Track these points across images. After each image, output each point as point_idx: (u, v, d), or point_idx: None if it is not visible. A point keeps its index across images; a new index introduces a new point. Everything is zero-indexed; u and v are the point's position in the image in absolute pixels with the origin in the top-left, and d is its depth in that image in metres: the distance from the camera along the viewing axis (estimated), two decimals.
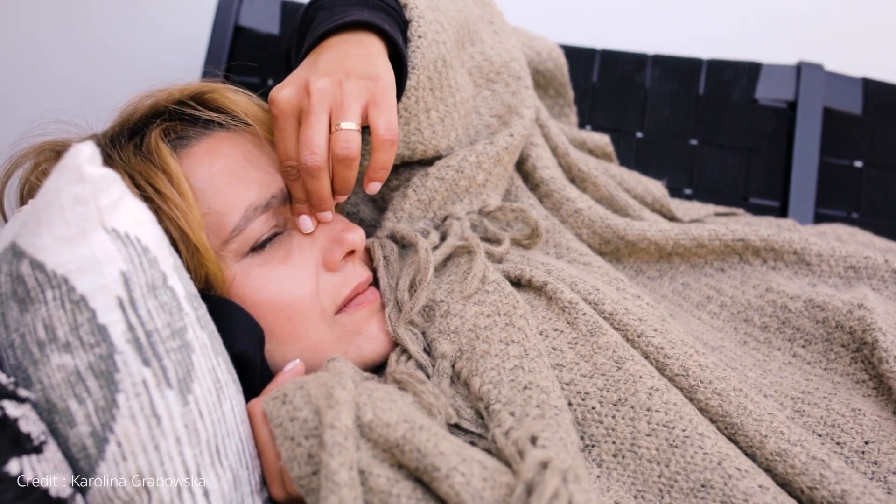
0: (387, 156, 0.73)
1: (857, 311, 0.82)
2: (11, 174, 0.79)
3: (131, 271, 0.59)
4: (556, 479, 0.58)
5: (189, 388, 0.60)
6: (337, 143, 0.70)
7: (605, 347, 0.75)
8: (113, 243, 0.59)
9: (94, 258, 0.59)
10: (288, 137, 0.72)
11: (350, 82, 0.71)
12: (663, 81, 1.18)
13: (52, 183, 0.58)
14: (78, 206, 0.58)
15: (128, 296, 0.59)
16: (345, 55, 0.73)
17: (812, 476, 0.68)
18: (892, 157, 1.15)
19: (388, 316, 0.78)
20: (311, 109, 0.70)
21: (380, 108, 0.71)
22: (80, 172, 0.58)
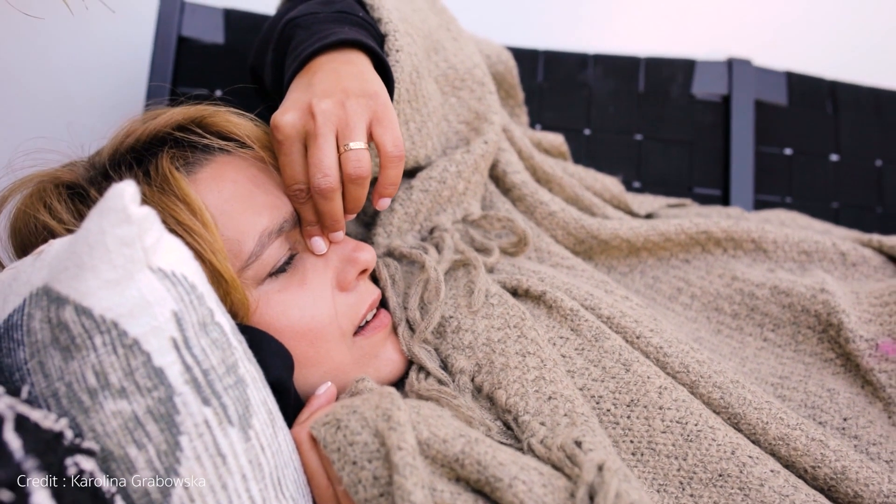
0: (396, 171, 0.73)
1: (821, 296, 0.89)
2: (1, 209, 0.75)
3: (182, 310, 0.58)
4: (617, 480, 0.61)
5: (249, 423, 0.59)
6: (349, 164, 0.70)
7: (610, 351, 0.79)
8: (161, 283, 0.58)
9: (143, 300, 0.57)
10: (295, 161, 0.72)
11: (351, 101, 0.71)
12: (605, 80, 1.23)
13: (94, 225, 0.56)
14: (124, 248, 0.57)
15: (181, 336, 0.58)
16: (338, 74, 0.73)
17: (814, 456, 0.74)
18: (816, 145, 1.24)
19: (402, 335, 0.79)
20: (317, 132, 0.70)
21: (384, 125, 0.72)
22: (126, 213, 0.56)
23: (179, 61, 1.14)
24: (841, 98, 1.25)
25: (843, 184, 1.24)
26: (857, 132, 1.25)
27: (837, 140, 1.24)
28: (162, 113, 0.78)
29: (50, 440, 0.50)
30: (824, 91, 1.26)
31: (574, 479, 0.63)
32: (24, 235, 0.73)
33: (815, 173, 1.24)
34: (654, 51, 1.28)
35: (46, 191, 0.73)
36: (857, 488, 0.72)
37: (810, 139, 1.24)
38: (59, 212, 0.71)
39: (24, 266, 0.64)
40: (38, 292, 0.59)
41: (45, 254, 0.62)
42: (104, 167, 0.74)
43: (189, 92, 1.12)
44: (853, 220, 1.21)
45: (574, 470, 0.64)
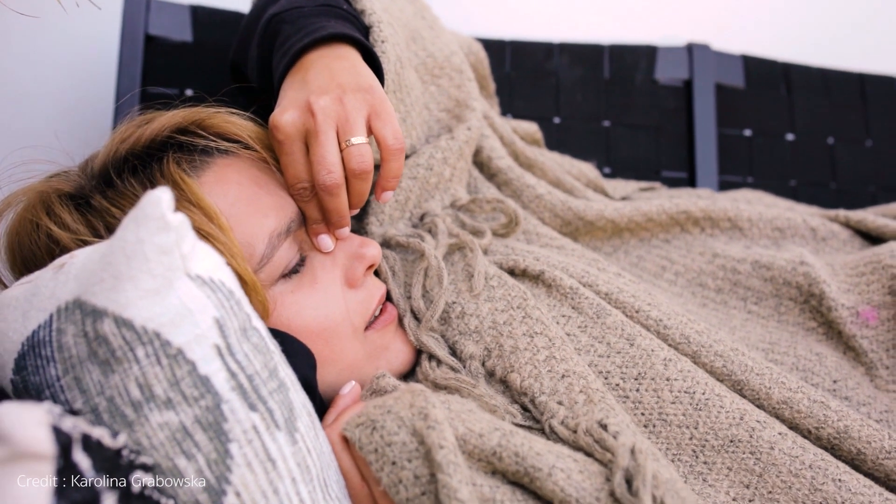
0: (398, 164, 0.74)
1: (801, 268, 0.93)
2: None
3: (224, 316, 0.58)
4: (651, 462, 0.63)
5: (294, 426, 0.59)
6: (352, 159, 0.70)
7: (613, 327, 0.81)
8: (201, 290, 0.57)
9: (185, 308, 0.56)
10: (297, 160, 0.72)
11: (349, 97, 0.71)
12: (571, 68, 1.25)
13: (131, 235, 0.55)
14: (163, 257, 0.56)
15: (224, 342, 0.57)
16: (331, 70, 0.73)
17: (817, 417, 0.78)
18: (773, 125, 1.29)
19: (408, 326, 0.80)
20: (318, 129, 0.70)
21: (382, 119, 0.72)
22: (165, 221, 0.55)
23: (148, 60, 1.11)
24: (794, 79, 1.30)
25: (799, 162, 1.29)
26: (810, 112, 1.30)
27: (792, 120, 1.30)
28: (158, 116, 0.77)
29: (112, 457, 0.50)
30: (778, 73, 1.30)
31: (607, 463, 0.65)
32: (26, 249, 0.71)
33: (773, 153, 1.29)
34: (614, 37, 1.31)
35: (49, 202, 0.71)
36: (859, 446, 0.76)
37: (767, 120, 1.29)
38: (67, 222, 0.69)
39: (43, 280, 0.62)
40: (69, 306, 0.58)
41: (68, 266, 0.61)
42: (106, 173, 0.73)
43: (159, 91, 1.10)
44: (810, 197, 1.26)
45: (605, 455, 0.66)
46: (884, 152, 1.32)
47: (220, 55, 1.14)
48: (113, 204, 0.69)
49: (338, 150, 0.70)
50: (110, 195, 0.71)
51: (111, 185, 0.72)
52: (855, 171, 1.30)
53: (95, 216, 0.69)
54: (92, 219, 0.69)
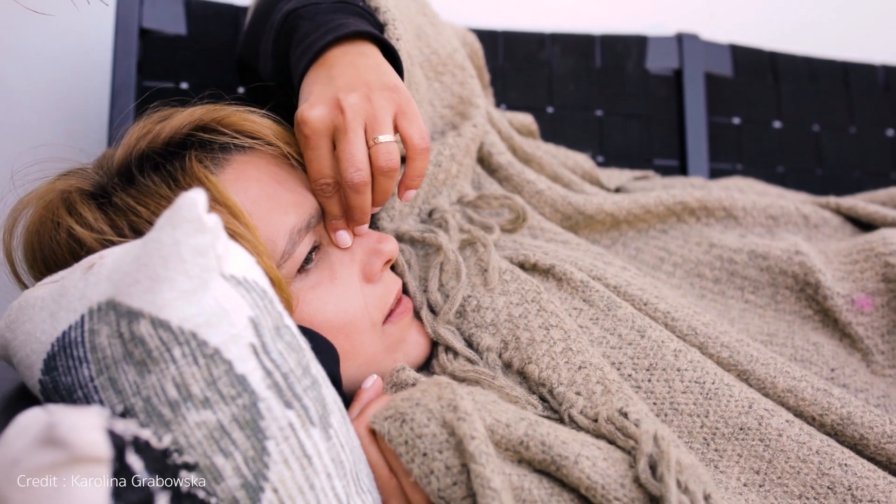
0: (423, 163, 0.74)
1: (796, 257, 0.95)
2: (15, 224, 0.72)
3: (258, 316, 0.58)
4: (674, 449, 0.65)
5: (328, 422, 0.60)
6: (380, 157, 0.71)
7: (624, 319, 0.82)
8: (235, 290, 0.58)
9: (220, 308, 0.57)
10: (322, 156, 0.72)
11: (376, 95, 0.71)
12: (564, 58, 1.26)
13: (167, 236, 0.56)
14: (199, 258, 0.56)
15: (259, 342, 0.58)
16: (357, 67, 0.74)
17: (821, 404, 0.80)
18: (760, 113, 1.32)
19: (426, 318, 0.81)
20: (347, 127, 0.70)
21: (408, 118, 0.73)
22: (201, 222, 0.56)
23: (142, 53, 1.10)
24: (780, 68, 1.33)
25: (786, 149, 1.32)
26: (796, 100, 1.33)
27: (779, 108, 1.32)
28: (176, 113, 0.77)
29: (160, 458, 0.50)
30: (765, 62, 1.33)
31: (630, 450, 0.67)
32: (46, 249, 0.71)
33: (761, 140, 1.31)
34: (604, 27, 1.32)
35: (71, 200, 0.71)
36: (862, 431, 0.78)
37: (755, 108, 1.31)
38: (90, 221, 0.69)
39: (71, 281, 0.62)
40: (102, 307, 0.58)
41: (97, 267, 0.61)
42: (127, 170, 0.72)
43: (155, 85, 1.09)
44: (797, 183, 1.29)
45: (628, 442, 0.67)
46: (867, 139, 1.35)
47: (214, 48, 1.13)
48: (138, 202, 0.68)
49: (366, 148, 0.71)
50: (133, 193, 0.71)
51: (133, 183, 0.72)
52: (840, 157, 1.33)
53: (119, 215, 0.69)
54: (115, 217, 0.69)
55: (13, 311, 0.67)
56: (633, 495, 0.64)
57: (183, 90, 1.12)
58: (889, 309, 0.91)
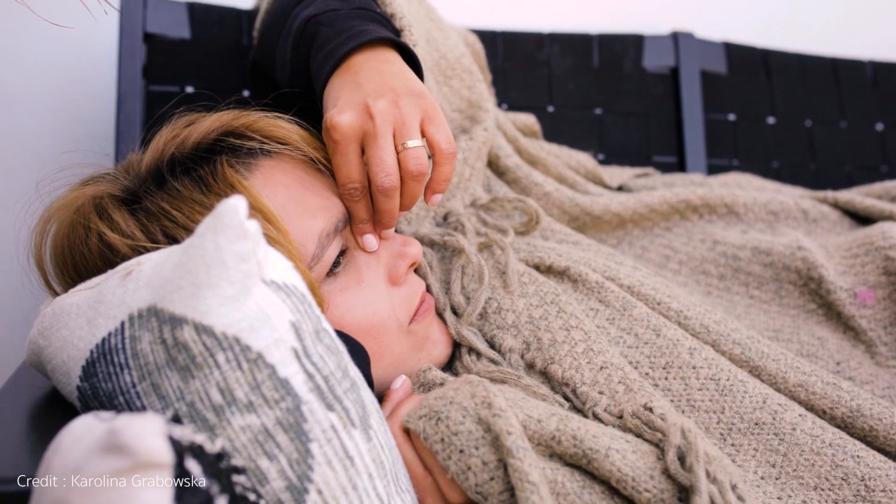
0: (449, 168, 0.76)
1: (799, 253, 0.97)
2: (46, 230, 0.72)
3: (299, 320, 0.59)
4: (702, 441, 0.66)
5: (368, 423, 0.61)
6: (409, 162, 0.72)
7: (639, 319, 0.84)
8: (276, 295, 0.59)
9: (262, 313, 0.58)
10: (351, 161, 0.73)
11: (404, 101, 0.72)
12: (562, 58, 1.28)
13: (209, 243, 0.56)
14: (241, 264, 0.57)
15: (301, 345, 0.59)
16: (382, 74, 0.74)
17: (831, 398, 0.82)
18: (755, 109, 1.34)
19: (449, 320, 0.82)
20: (377, 132, 0.71)
21: (435, 124, 0.74)
22: (243, 229, 0.56)
23: (147, 58, 1.10)
24: (772, 65, 1.35)
25: (780, 144, 1.34)
26: (788, 96, 1.35)
27: (773, 104, 1.35)
28: (202, 118, 0.77)
29: (214, 462, 0.51)
30: (758, 59, 1.35)
31: (657, 443, 0.68)
32: (77, 254, 0.71)
33: (756, 136, 1.33)
34: (599, 27, 1.34)
35: (102, 205, 0.71)
36: (871, 423, 0.81)
37: (750, 105, 1.34)
38: (122, 227, 0.69)
39: (109, 287, 0.63)
40: (143, 314, 0.59)
41: (136, 274, 0.61)
42: (158, 175, 0.73)
43: (160, 90, 1.10)
44: (791, 178, 1.32)
45: (655, 435, 0.69)
46: (857, 133, 1.38)
47: (218, 51, 1.14)
48: (173, 207, 0.69)
49: (395, 153, 0.72)
50: (166, 198, 0.71)
51: (164, 187, 0.72)
52: (831, 151, 1.36)
53: (152, 220, 0.69)
54: (148, 223, 0.69)
55: (46, 317, 0.67)
56: (662, 486, 0.66)
57: (188, 94, 1.12)
58: (891, 301, 0.94)
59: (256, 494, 0.55)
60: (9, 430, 0.65)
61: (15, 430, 0.64)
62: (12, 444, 0.62)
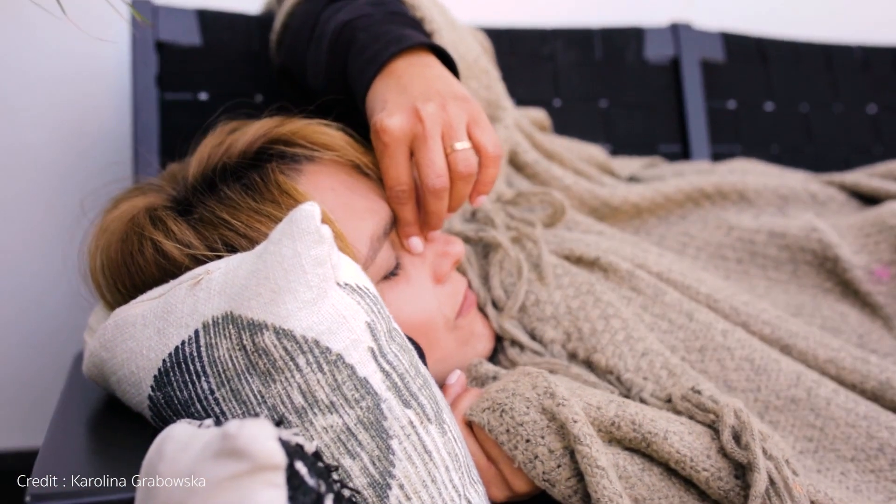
0: (495, 170, 0.77)
1: (814, 234, 1.00)
2: (98, 244, 0.73)
3: (374, 321, 0.61)
4: (757, 421, 0.69)
5: (442, 418, 0.63)
6: (459, 163, 0.73)
7: (671, 304, 0.86)
8: (351, 297, 0.60)
9: (339, 315, 0.59)
10: (400, 163, 0.74)
11: (450, 105, 0.74)
12: (566, 52, 1.30)
13: (287, 249, 0.57)
14: (318, 268, 0.58)
15: (376, 345, 0.60)
16: (425, 78, 0.76)
17: (861, 372, 0.85)
18: (753, 96, 1.37)
19: (491, 314, 0.84)
20: (427, 134, 0.72)
21: (481, 127, 0.75)
22: (320, 234, 0.58)
23: (160, 66, 1.10)
24: (768, 52, 1.38)
25: (778, 130, 1.37)
26: (784, 82, 1.39)
27: (770, 90, 1.38)
28: (245, 125, 0.78)
29: (314, 462, 0.52)
30: (753, 47, 1.38)
31: (711, 424, 0.71)
32: (132, 266, 0.71)
33: (756, 122, 1.37)
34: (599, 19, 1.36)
35: (157, 216, 0.72)
36: None
37: (748, 92, 1.37)
38: (178, 235, 0.70)
39: (176, 297, 0.64)
40: (219, 321, 0.60)
41: (205, 282, 0.62)
42: (209, 183, 0.73)
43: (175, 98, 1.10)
44: (791, 161, 1.35)
45: (708, 416, 0.71)
46: (851, 116, 1.41)
47: (229, 57, 1.14)
48: (231, 215, 0.69)
49: (444, 155, 0.73)
50: (220, 207, 0.71)
51: (217, 196, 0.72)
52: (827, 135, 1.40)
53: (209, 229, 0.70)
54: (205, 231, 0.70)
55: (108, 330, 0.68)
56: (719, 465, 0.68)
57: (202, 101, 1.12)
58: None
59: (351, 491, 0.56)
60: (82, 442, 0.65)
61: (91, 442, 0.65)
62: (91, 454, 0.63)
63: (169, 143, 1.10)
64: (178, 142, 1.10)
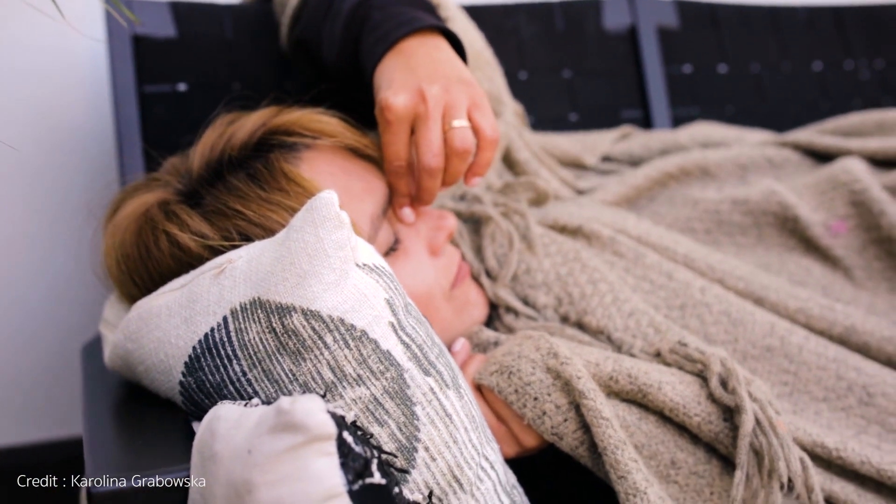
0: (491, 153, 0.80)
1: (773, 197, 1.06)
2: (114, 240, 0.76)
3: (392, 297, 0.65)
4: (740, 367, 0.75)
5: (458, 383, 0.68)
6: (456, 139, 0.77)
7: (652, 266, 0.92)
8: (370, 276, 0.64)
9: (361, 294, 0.63)
10: (400, 140, 0.78)
11: (454, 87, 0.77)
12: (528, 25, 1.34)
13: (310, 236, 0.61)
14: (339, 251, 0.62)
15: (396, 319, 0.65)
16: (433, 60, 0.79)
17: (828, 319, 0.92)
18: (707, 59, 1.43)
19: (485, 284, 0.89)
20: (428, 114, 0.76)
21: (481, 111, 0.79)
22: (340, 219, 0.62)
23: (138, 59, 1.12)
24: (719, 16, 1.45)
25: (732, 90, 1.44)
26: (736, 44, 1.45)
27: (723, 53, 1.44)
28: (241, 117, 0.81)
29: (355, 430, 0.57)
30: (705, 11, 1.44)
31: (698, 373, 0.77)
32: (151, 259, 0.74)
33: (711, 84, 1.43)
34: None
35: (170, 209, 0.75)
36: (865, 338, 0.91)
37: (702, 56, 1.43)
38: (193, 227, 0.73)
39: (201, 286, 0.67)
40: (247, 307, 0.64)
41: (229, 271, 0.66)
42: (217, 174, 0.76)
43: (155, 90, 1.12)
44: (745, 121, 1.42)
45: (696, 366, 0.77)
46: (799, 74, 1.49)
47: (205, 47, 1.16)
48: (242, 206, 0.73)
49: (442, 136, 0.77)
50: (230, 197, 0.75)
51: (225, 186, 0.76)
52: (778, 94, 1.47)
53: (223, 219, 0.73)
54: (219, 222, 0.73)
55: (133, 322, 0.71)
56: (708, 410, 0.74)
57: (181, 92, 1.14)
58: (859, 230, 1.04)
59: (388, 454, 0.61)
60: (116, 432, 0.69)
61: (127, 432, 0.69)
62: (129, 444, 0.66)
63: (151, 134, 1.12)
64: (160, 132, 1.13)
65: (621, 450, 0.69)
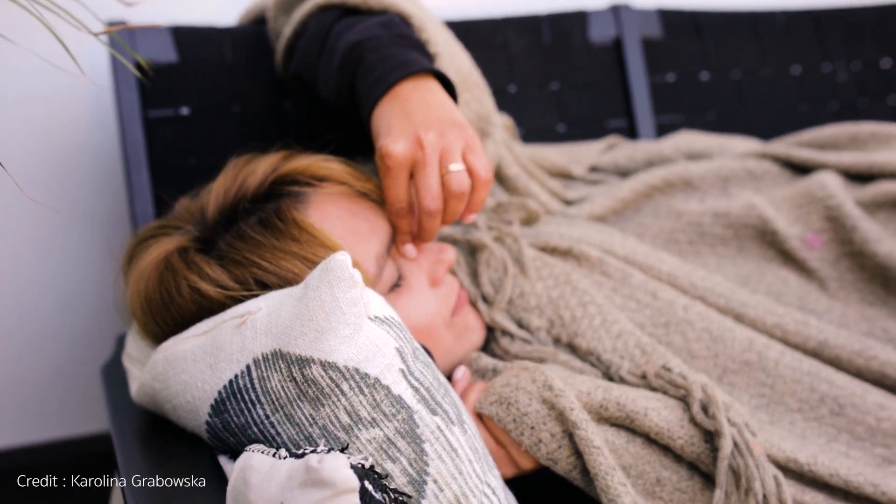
0: (485, 193, 0.85)
1: (753, 211, 1.12)
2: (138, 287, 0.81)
3: (402, 345, 0.71)
4: (721, 393, 0.82)
5: (462, 419, 0.74)
6: (453, 183, 0.82)
7: (637, 286, 0.98)
8: (381, 328, 0.70)
9: (374, 345, 0.69)
10: (400, 184, 0.83)
11: (448, 131, 0.82)
12: (517, 39, 1.39)
13: (326, 295, 0.67)
14: (353, 308, 0.68)
15: (405, 366, 0.71)
16: (428, 104, 0.84)
17: (803, 334, 0.99)
18: (689, 68, 1.48)
19: (482, 309, 0.94)
20: (426, 161, 0.81)
21: (475, 152, 0.84)
22: (354, 280, 0.67)
23: (142, 85, 1.16)
24: (701, 24, 1.49)
25: (714, 97, 1.49)
26: (717, 51, 1.50)
27: (705, 60, 1.49)
28: (255, 160, 0.86)
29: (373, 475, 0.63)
30: (688, 20, 1.49)
31: (682, 398, 0.83)
32: (174, 305, 0.80)
33: (694, 92, 1.48)
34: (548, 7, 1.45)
35: (189, 258, 0.80)
36: (837, 351, 0.98)
37: (685, 64, 1.48)
38: (212, 276, 0.78)
39: (224, 335, 0.73)
40: (269, 357, 0.69)
41: (250, 323, 0.71)
42: (232, 223, 0.82)
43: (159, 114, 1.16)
44: (726, 127, 1.47)
45: (679, 391, 0.84)
46: (778, 79, 1.54)
47: (206, 71, 1.20)
48: (259, 257, 0.78)
49: (440, 180, 0.82)
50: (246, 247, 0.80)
51: (243, 236, 0.81)
52: (758, 99, 1.52)
53: (241, 269, 0.79)
54: (237, 272, 0.79)
55: (159, 364, 0.77)
56: (691, 433, 0.81)
57: (184, 115, 1.18)
58: (833, 243, 1.10)
59: (401, 494, 0.67)
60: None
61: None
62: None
63: (156, 156, 1.16)
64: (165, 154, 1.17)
65: (611, 475, 0.76)
